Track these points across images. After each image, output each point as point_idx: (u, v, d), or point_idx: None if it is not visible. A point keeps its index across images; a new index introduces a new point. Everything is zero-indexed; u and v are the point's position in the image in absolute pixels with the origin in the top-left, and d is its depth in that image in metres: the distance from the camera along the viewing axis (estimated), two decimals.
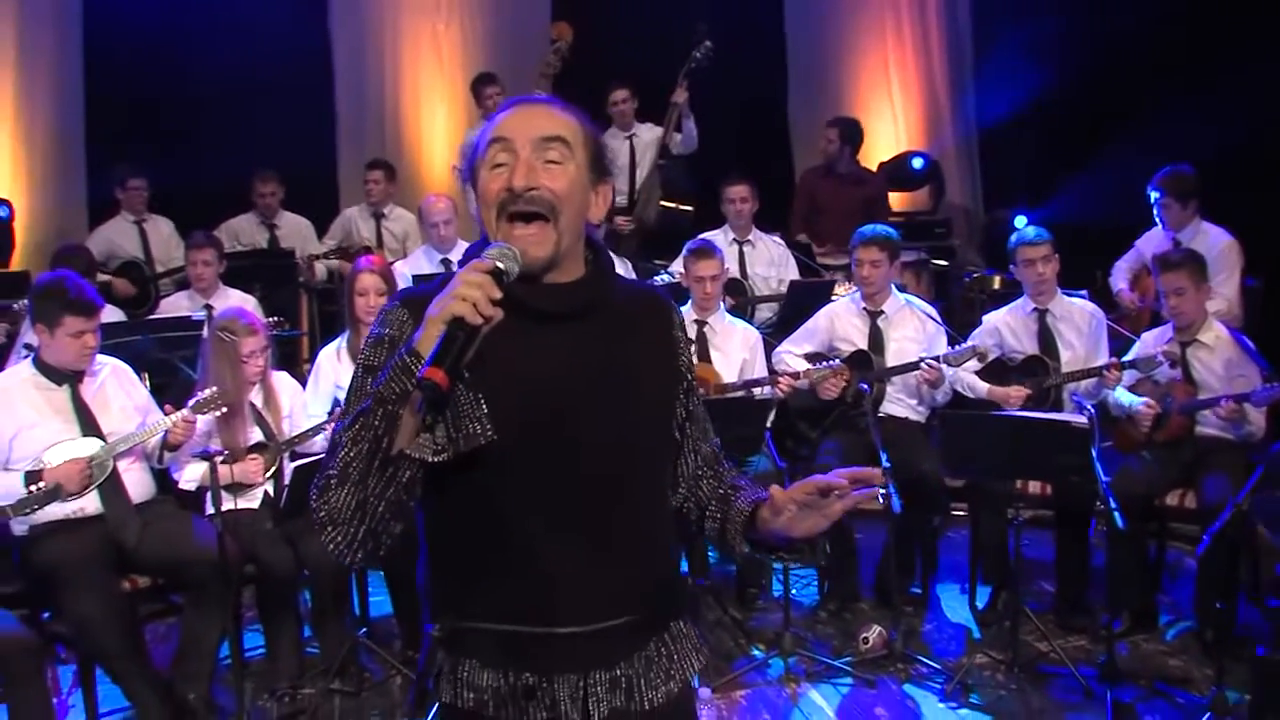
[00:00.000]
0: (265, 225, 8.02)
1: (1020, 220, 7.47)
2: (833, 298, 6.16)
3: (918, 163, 8.97)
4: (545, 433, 1.92)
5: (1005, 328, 5.60)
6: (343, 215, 8.30)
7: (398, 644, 4.98)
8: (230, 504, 4.59)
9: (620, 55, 8.48)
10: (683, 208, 7.80)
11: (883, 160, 9.02)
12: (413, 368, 1.75)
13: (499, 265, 1.79)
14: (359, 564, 1.90)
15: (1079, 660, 4.70)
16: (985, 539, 5.30)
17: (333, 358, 5.24)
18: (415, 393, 1.75)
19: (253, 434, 4.86)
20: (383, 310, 2.00)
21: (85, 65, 8.60)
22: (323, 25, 9.15)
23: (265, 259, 7.71)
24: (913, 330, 5.60)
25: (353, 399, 1.93)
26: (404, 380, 1.77)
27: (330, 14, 9.18)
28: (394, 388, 1.78)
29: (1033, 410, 5.16)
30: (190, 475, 4.78)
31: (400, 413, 1.78)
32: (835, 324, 5.72)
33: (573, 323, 1.97)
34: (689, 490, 2.18)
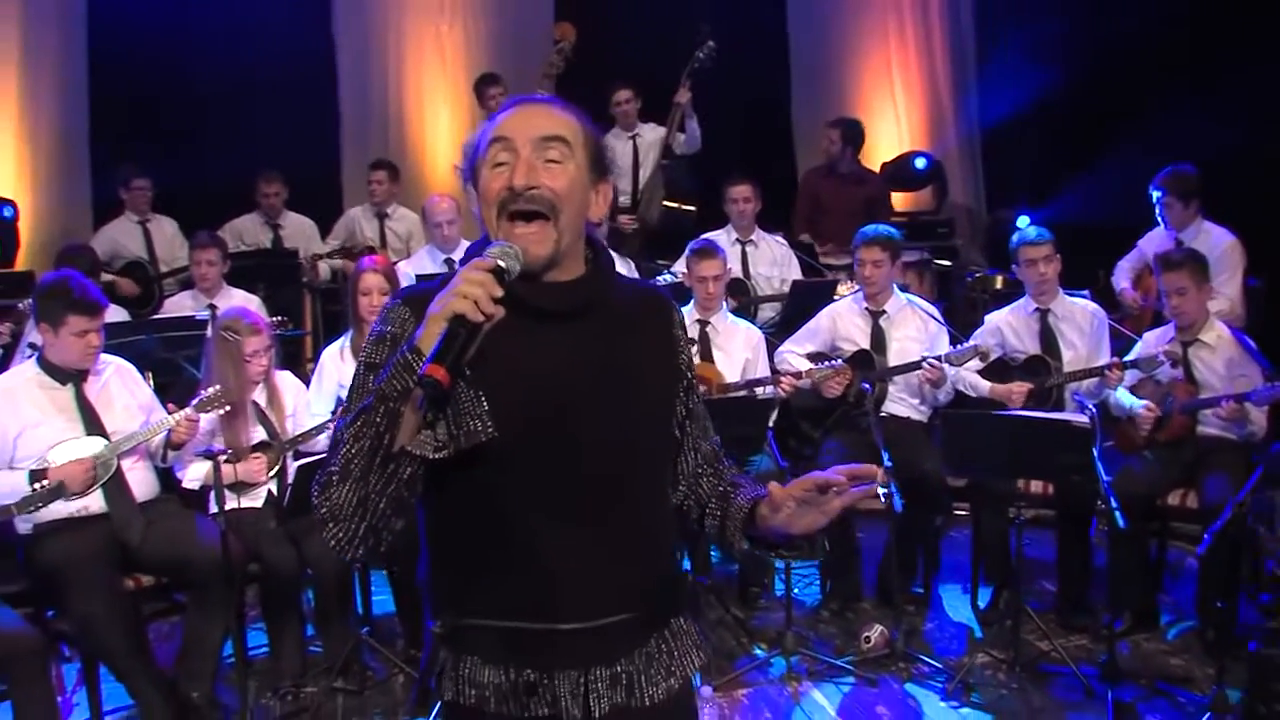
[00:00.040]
0: (269, 225, 8.04)
1: (1023, 220, 7.45)
2: (835, 297, 6.16)
3: (920, 163, 8.96)
4: (546, 430, 1.92)
5: (1007, 327, 5.61)
6: (346, 215, 8.31)
7: (400, 643, 4.99)
8: (234, 503, 4.59)
9: (623, 56, 8.48)
10: (685, 208, 7.80)
11: (885, 160, 9.02)
12: (414, 365, 1.76)
13: (500, 263, 1.81)
14: (360, 560, 1.91)
15: (1080, 659, 4.71)
16: (987, 538, 5.30)
17: (336, 357, 5.26)
18: (417, 390, 1.76)
19: (256, 433, 4.87)
20: (384, 308, 2.01)
21: (90, 65, 8.61)
22: (326, 26, 9.16)
23: (269, 259, 7.72)
24: (915, 330, 5.60)
25: (354, 396, 1.94)
26: (406, 377, 1.78)
27: (334, 15, 9.19)
28: (396, 385, 1.79)
29: (1034, 410, 5.16)
30: (194, 474, 4.79)
31: (402, 410, 1.79)
32: (837, 324, 5.72)
33: (573, 321, 1.98)
34: (689, 488, 2.19)
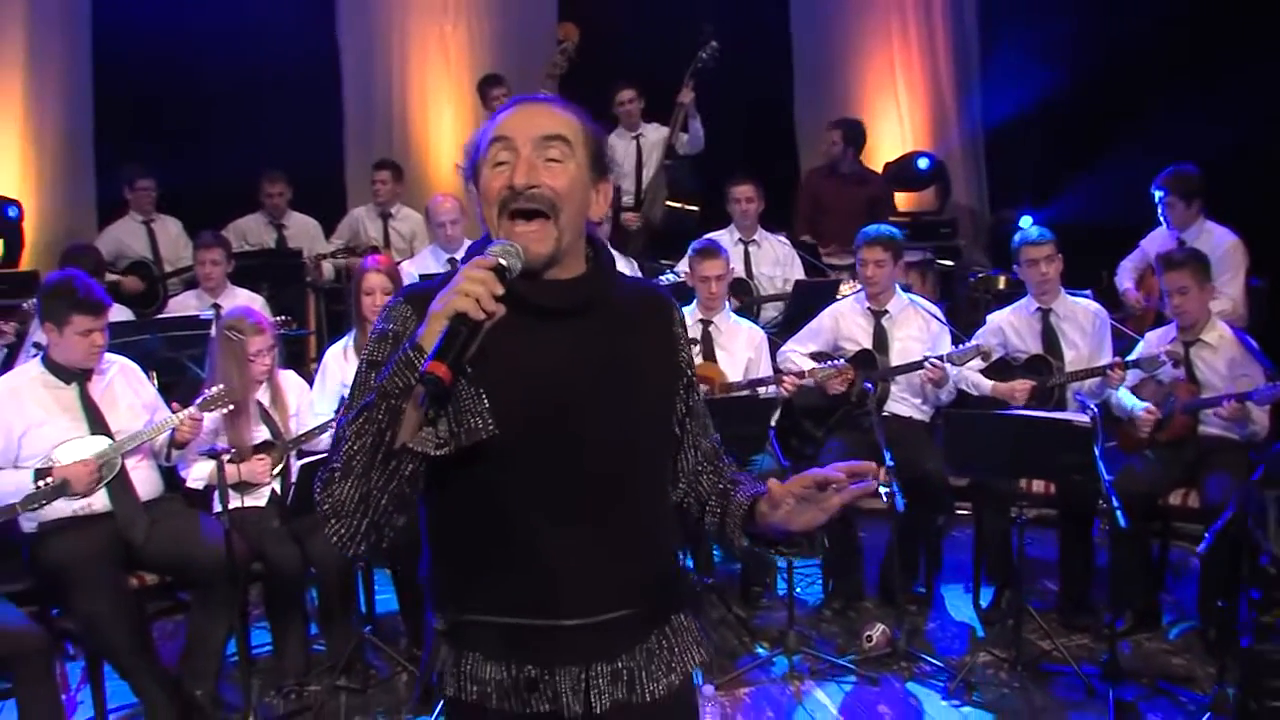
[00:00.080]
0: (273, 225, 8.05)
1: (1026, 220, 7.46)
2: (837, 297, 6.16)
3: (923, 163, 8.96)
4: (547, 427, 1.93)
5: (1009, 327, 5.61)
6: (350, 215, 8.32)
7: (403, 641, 4.99)
8: (237, 502, 4.60)
9: (626, 56, 8.48)
10: (688, 208, 7.80)
11: (888, 160, 9.02)
12: (416, 362, 1.77)
13: (501, 262, 1.82)
14: (362, 556, 1.93)
15: (1082, 659, 4.71)
16: (989, 538, 5.30)
17: (339, 356, 5.27)
18: (418, 387, 1.77)
19: (259, 432, 4.88)
20: (386, 306, 2.02)
21: (94, 66, 8.62)
22: (331, 27, 9.17)
23: (273, 258, 7.73)
24: (917, 329, 5.61)
25: (356, 393, 1.95)
26: (407, 375, 1.79)
27: (338, 15, 9.20)
28: (397, 382, 1.80)
29: (1036, 409, 5.17)
30: (198, 473, 4.80)
31: (403, 407, 1.80)
32: (840, 323, 5.73)
33: (574, 319, 1.99)
34: (689, 485, 2.20)
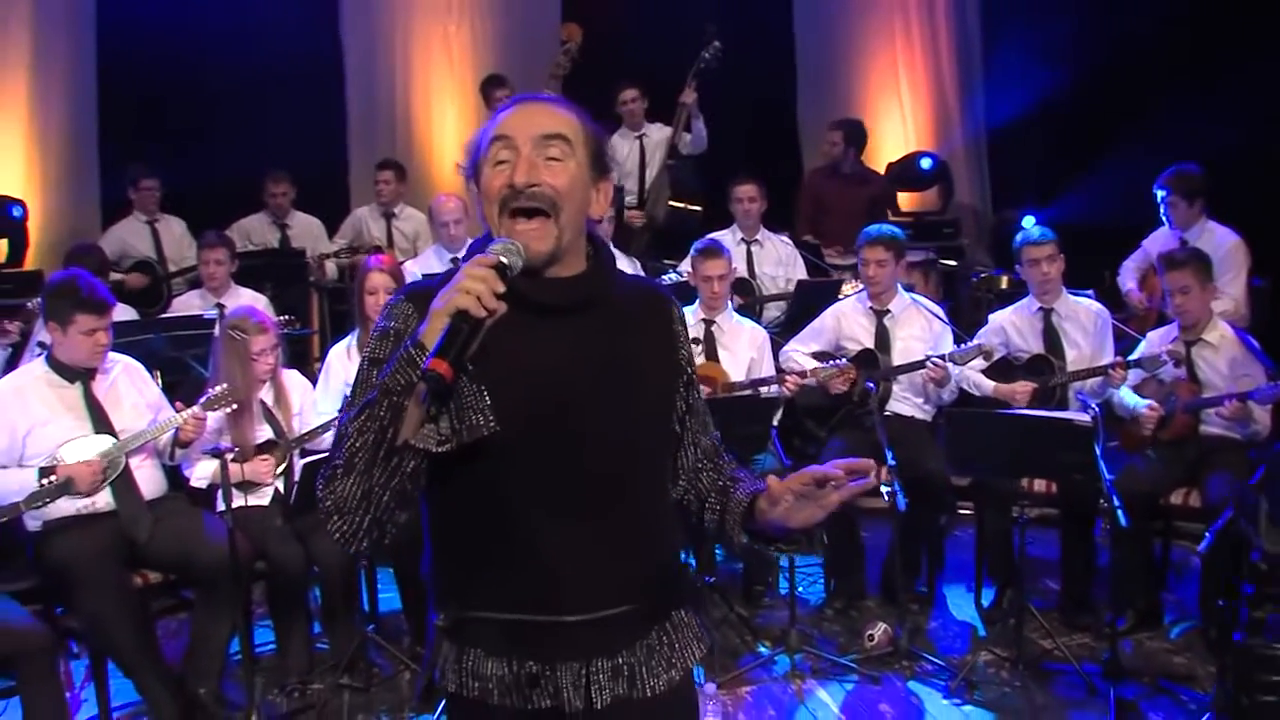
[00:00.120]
0: (277, 225, 8.06)
1: (1028, 220, 7.47)
2: (839, 297, 6.17)
3: (926, 163, 8.94)
4: (548, 425, 1.94)
5: (1011, 327, 5.61)
6: (353, 215, 8.33)
7: (406, 640, 4.98)
8: (240, 501, 4.61)
9: (629, 56, 8.48)
10: (691, 208, 7.81)
11: (891, 161, 9.01)
12: (417, 360, 1.78)
13: (502, 259, 1.83)
14: (364, 552, 1.94)
15: (1083, 658, 4.72)
16: (990, 537, 5.31)
17: (343, 356, 5.28)
18: (420, 384, 1.78)
19: (262, 431, 4.89)
20: (388, 304, 2.03)
21: (98, 66, 8.61)
22: (334, 27, 9.17)
23: (276, 258, 7.75)
24: (919, 329, 5.61)
25: (358, 391, 1.96)
26: (409, 372, 1.80)
27: (341, 15, 9.20)
28: (399, 379, 1.81)
29: (1037, 408, 5.18)
30: (201, 473, 4.81)
31: (405, 404, 1.81)
32: (842, 323, 5.73)
33: (574, 317, 2.00)
34: (689, 482, 2.20)
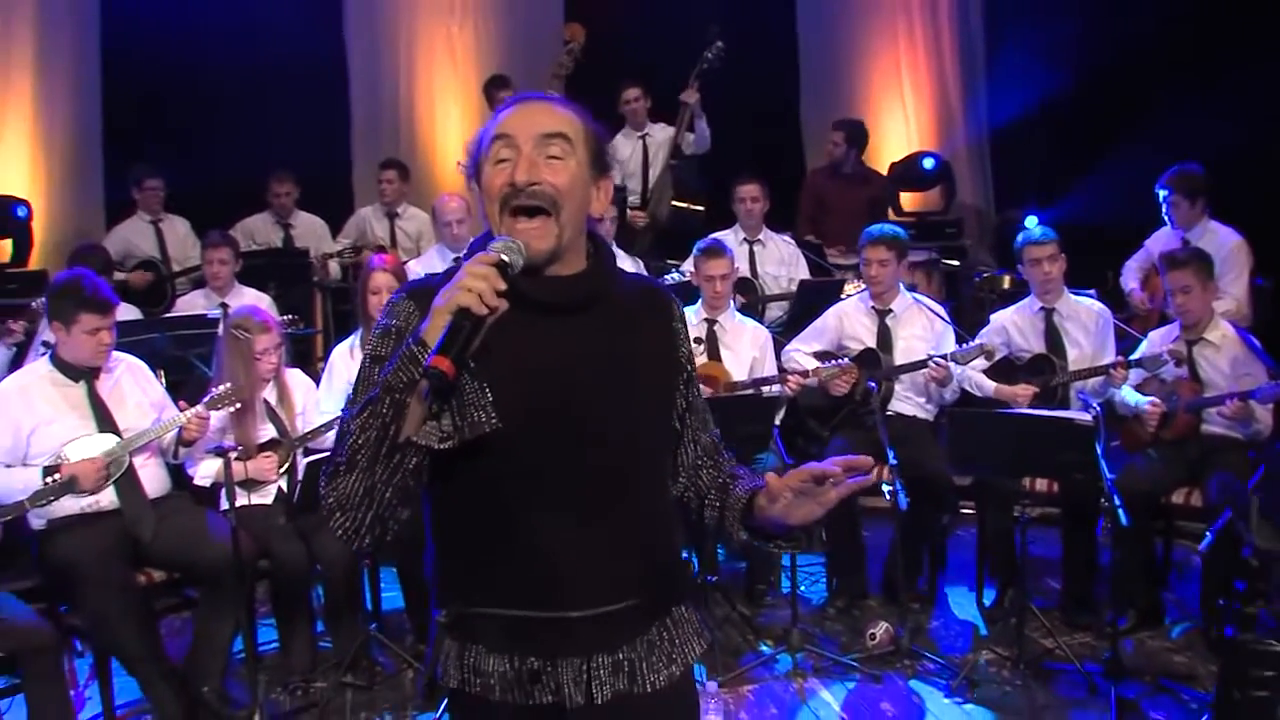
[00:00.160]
0: (280, 225, 8.08)
1: (1031, 220, 7.47)
2: (841, 297, 6.18)
3: (929, 163, 8.93)
4: (549, 421, 1.95)
5: (1012, 327, 5.62)
6: (357, 215, 8.35)
7: (409, 638, 4.99)
8: (244, 500, 4.62)
9: (633, 56, 8.49)
10: (694, 207, 7.82)
11: (894, 160, 9.02)
12: (419, 357, 1.79)
13: (503, 257, 1.84)
14: (366, 549, 1.95)
15: (1084, 657, 4.72)
16: (992, 536, 5.31)
17: (346, 355, 5.28)
18: (422, 381, 1.79)
19: (266, 430, 4.90)
20: (390, 301, 2.04)
21: (103, 67, 8.63)
22: (338, 27, 9.19)
23: (280, 258, 7.77)
24: (921, 329, 5.62)
25: (360, 388, 1.97)
26: (411, 369, 1.81)
27: (345, 16, 9.22)
28: (401, 376, 1.82)
29: (1039, 408, 5.18)
30: (205, 471, 4.83)
31: (407, 401, 1.82)
32: (844, 323, 5.74)
33: (575, 315, 2.01)
34: (689, 479, 2.21)
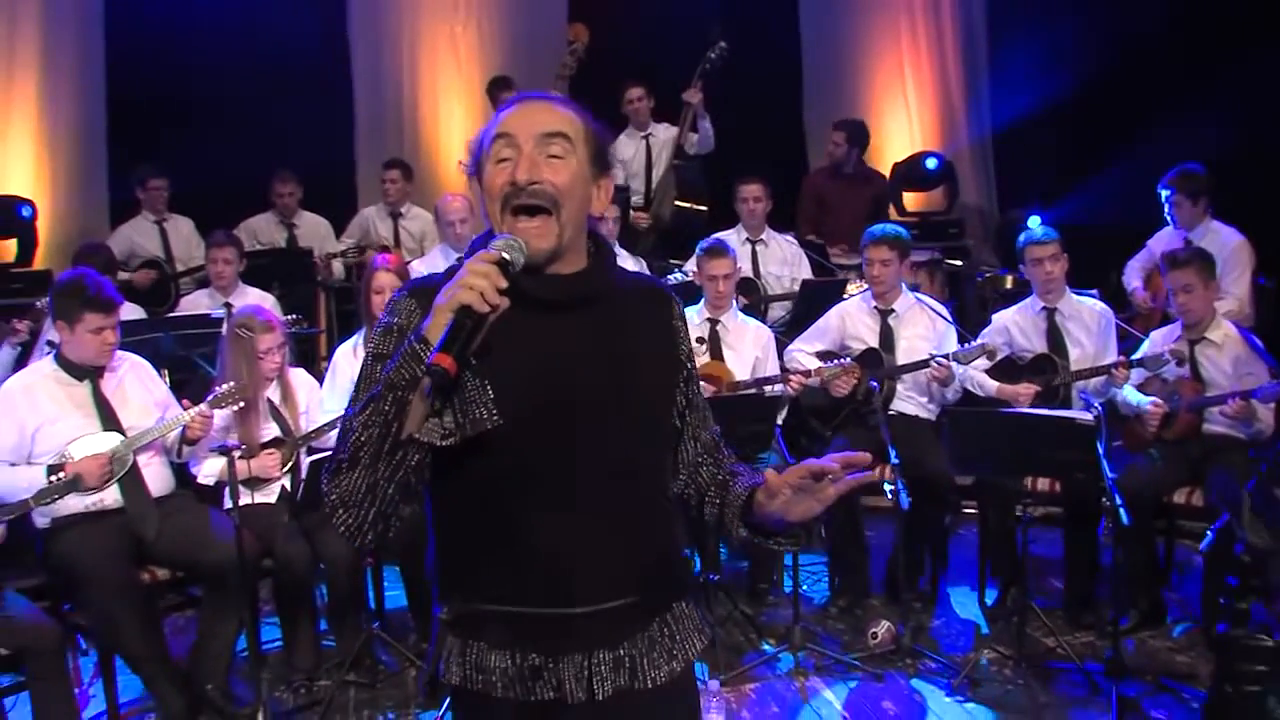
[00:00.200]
0: (284, 224, 8.09)
1: (1034, 220, 7.48)
2: (844, 296, 6.19)
3: (932, 163, 8.93)
4: (549, 419, 1.96)
5: (1014, 326, 5.62)
6: (361, 214, 8.36)
7: (412, 637, 5.03)
8: (248, 498, 4.63)
9: (636, 56, 8.49)
10: (697, 207, 7.82)
11: (897, 160, 9.02)
12: (422, 354, 1.80)
13: (505, 256, 1.85)
14: (368, 545, 1.96)
15: (1085, 656, 4.73)
16: (994, 536, 5.32)
17: (349, 355, 5.29)
18: (424, 378, 1.80)
19: (269, 429, 4.91)
20: (391, 300, 2.05)
21: (107, 67, 8.65)
22: (342, 27, 9.20)
23: (284, 258, 7.79)
24: (923, 328, 5.63)
25: (362, 386, 1.98)
26: (413, 366, 1.82)
27: (349, 16, 9.23)
28: (403, 374, 1.83)
29: (1041, 407, 5.19)
30: (209, 470, 4.84)
31: (410, 398, 1.83)
32: (846, 322, 5.75)
33: (576, 313, 2.02)
34: (689, 476, 2.22)
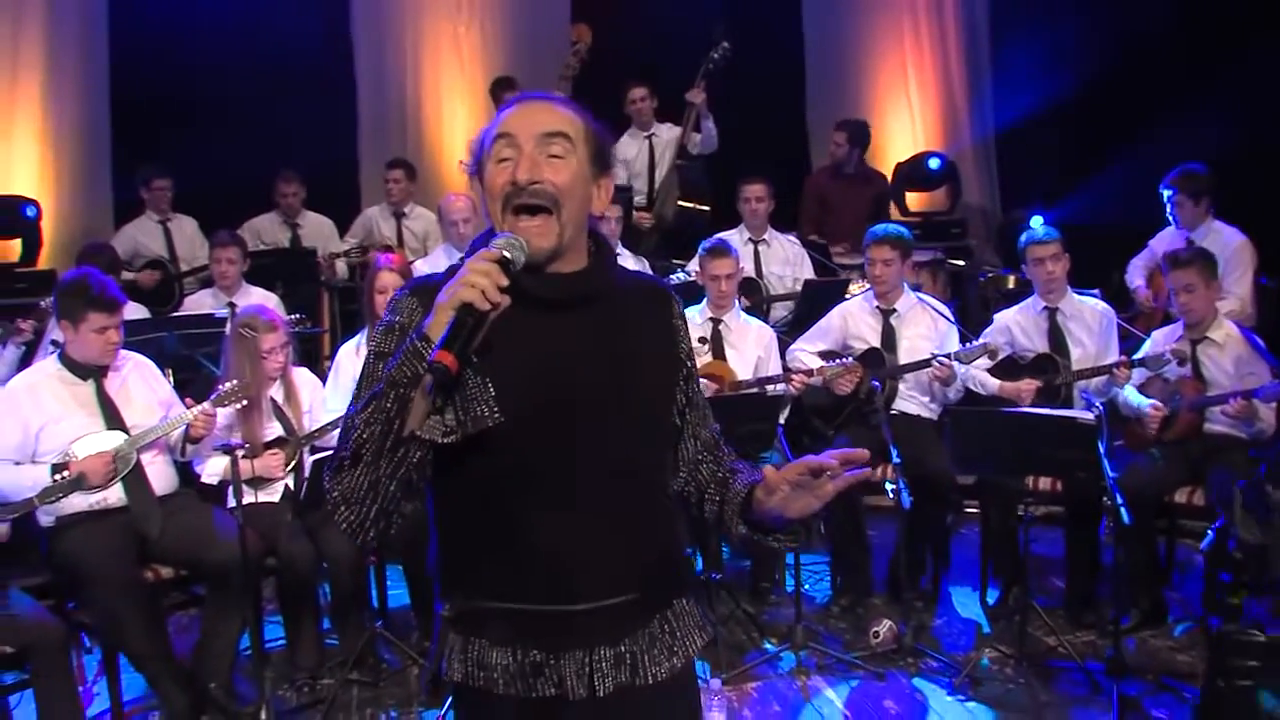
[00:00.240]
0: (287, 224, 8.10)
1: (1036, 220, 7.48)
2: (846, 296, 6.20)
3: (934, 163, 8.91)
4: (550, 416, 1.98)
5: (1016, 326, 5.62)
6: (364, 214, 8.37)
7: (415, 635, 5.04)
8: (251, 497, 4.65)
9: (639, 56, 8.50)
10: (700, 207, 7.83)
11: (900, 160, 9.01)
12: (423, 352, 1.82)
13: (506, 254, 1.86)
14: (370, 542, 1.97)
15: (1087, 655, 4.73)
16: (995, 535, 5.33)
17: (352, 354, 5.31)
18: (426, 376, 1.81)
19: (272, 428, 4.92)
20: (393, 299, 2.06)
21: (111, 67, 8.66)
22: (345, 27, 9.21)
23: (287, 257, 7.80)
24: (925, 328, 5.63)
25: (365, 384, 1.99)
26: (415, 364, 1.83)
27: (352, 16, 9.24)
28: (405, 371, 1.84)
29: (1043, 407, 5.19)
30: (212, 469, 4.86)
31: (411, 395, 1.84)
32: (848, 322, 5.76)
33: (576, 311, 2.03)
34: (689, 474, 2.23)
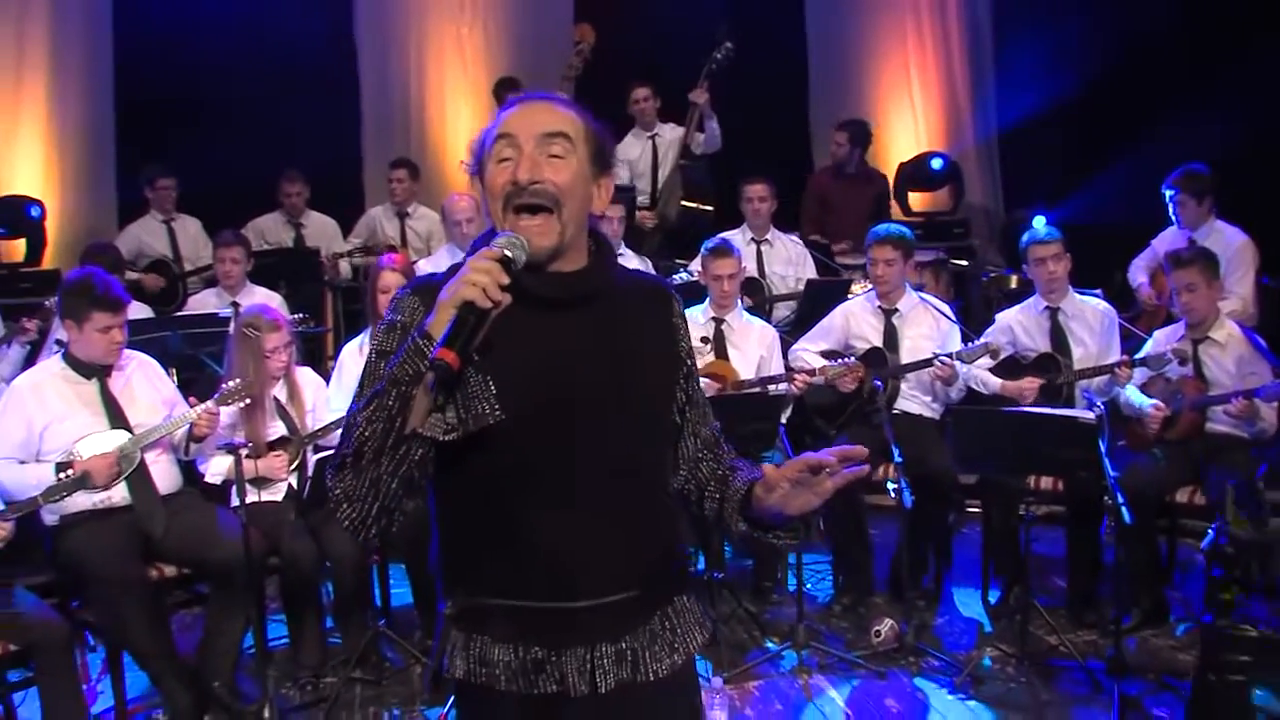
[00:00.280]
0: (291, 224, 8.12)
1: (1039, 220, 7.48)
2: (848, 296, 6.21)
3: (937, 163, 8.91)
4: (551, 414, 1.99)
5: (1017, 326, 5.63)
6: (368, 214, 8.38)
7: (418, 634, 5.05)
8: (254, 496, 4.66)
9: (642, 56, 8.51)
10: (703, 207, 7.83)
11: (903, 160, 9.01)
12: (425, 350, 1.83)
13: (507, 253, 1.88)
14: (372, 540, 1.98)
15: (1088, 654, 4.74)
16: (997, 534, 5.33)
17: (355, 354, 5.32)
18: (427, 374, 1.82)
19: (276, 428, 4.93)
20: (395, 298, 2.08)
21: (115, 67, 8.68)
22: (348, 27, 9.23)
23: (291, 257, 7.82)
24: (927, 328, 5.64)
25: (366, 382, 2.00)
26: (417, 362, 1.84)
27: (355, 16, 9.25)
28: (407, 369, 1.86)
29: (1044, 406, 5.20)
30: (216, 469, 4.87)
31: (413, 393, 1.86)
32: (851, 322, 5.76)
33: (577, 310, 2.05)
34: (689, 472, 2.24)
